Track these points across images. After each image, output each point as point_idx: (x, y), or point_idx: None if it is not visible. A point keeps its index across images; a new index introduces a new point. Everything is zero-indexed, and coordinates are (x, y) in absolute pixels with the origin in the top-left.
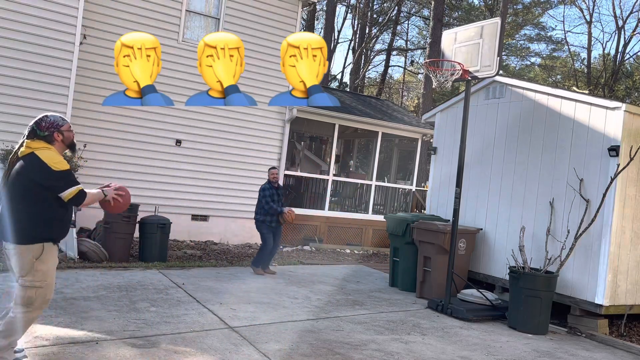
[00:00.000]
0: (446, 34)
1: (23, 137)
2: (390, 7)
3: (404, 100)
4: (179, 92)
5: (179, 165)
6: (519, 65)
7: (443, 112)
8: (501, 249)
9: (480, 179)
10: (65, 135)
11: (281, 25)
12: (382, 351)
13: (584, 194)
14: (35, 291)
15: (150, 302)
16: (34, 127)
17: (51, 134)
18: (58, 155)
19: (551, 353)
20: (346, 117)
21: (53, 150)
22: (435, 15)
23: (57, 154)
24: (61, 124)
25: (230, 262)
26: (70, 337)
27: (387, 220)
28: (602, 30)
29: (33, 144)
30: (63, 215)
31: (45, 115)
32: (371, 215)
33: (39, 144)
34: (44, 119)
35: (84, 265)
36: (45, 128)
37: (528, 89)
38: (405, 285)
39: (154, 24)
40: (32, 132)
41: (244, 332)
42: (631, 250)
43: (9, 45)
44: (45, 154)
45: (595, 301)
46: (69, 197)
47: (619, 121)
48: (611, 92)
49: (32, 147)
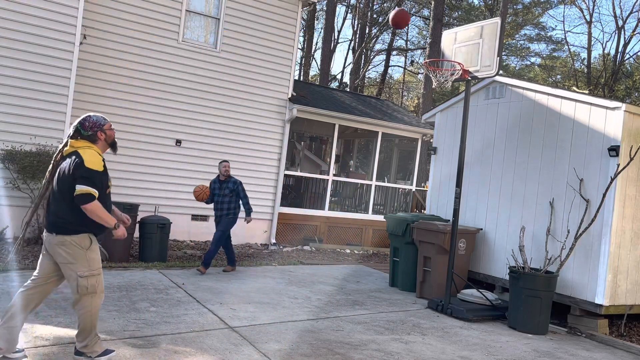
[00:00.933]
0: (446, 34)
1: (67, 136)
2: (390, 7)
3: (404, 100)
4: (179, 92)
5: (179, 165)
6: (519, 65)
7: (443, 112)
8: (501, 249)
9: (480, 179)
10: (107, 134)
11: (281, 25)
12: (382, 351)
13: (584, 194)
14: (95, 278)
15: (150, 302)
16: (77, 126)
17: (95, 133)
18: (98, 155)
19: (551, 353)
20: (346, 117)
21: (95, 149)
22: (435, 15)
23: (97, 154)
24: (103, 123)
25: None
26: (70, 337)
27: (387, 220)
28: (602, 30)
29: (77, 143)
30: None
31: (89, 115)
32: (371, 215)
33: (83, 143)
34: (87, 119)
35: None
36: (89, 127)
37: (528, 89)
38: (405, 285)
39: (154, 24)
40: (77, 132)
41: (244, 332)
42: (631, 250)
43: (9, 45)
44: (86, 152)
45: (595, 301)
46: (78, 193)
47: (619, 121)
48: (611, 92)
49: (76, 146)
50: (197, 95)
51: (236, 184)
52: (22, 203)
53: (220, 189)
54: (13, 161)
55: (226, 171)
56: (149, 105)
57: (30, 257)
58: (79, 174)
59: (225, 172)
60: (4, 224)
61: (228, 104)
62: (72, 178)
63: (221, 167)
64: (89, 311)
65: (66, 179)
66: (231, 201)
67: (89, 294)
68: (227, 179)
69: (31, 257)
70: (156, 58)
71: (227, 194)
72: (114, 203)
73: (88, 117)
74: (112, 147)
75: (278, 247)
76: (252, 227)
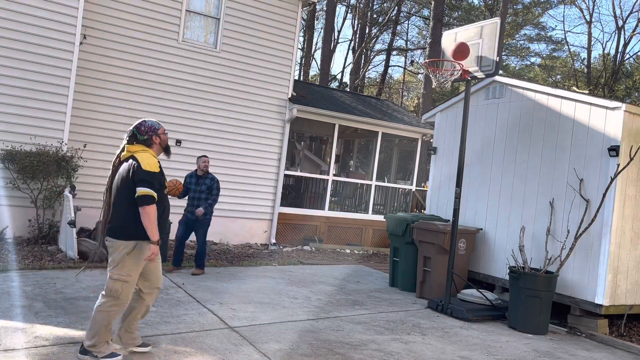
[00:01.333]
0: (446, 34)
1: (123, 142)
2: (390, 7)
3: (404, 100)
4: (179, 92)
5: (179, 165)
6: (519, 65)
7: (443, 112)
8: (501, 249)
9: (480, 179)
10: (162, 138)
11: (281, 25)
12: (382, 351)
13: (584, 194)
14: (121, 285)
15: None
16: (134, 131)
17: (150, 137)
18: (153, 157)
19: (551, 353)
20: (346, 117)
21: (150, 152)
22: (435, 15)
23: (152, 157)
24: (157, 128)
25: (230, 262)
26: (70, 337)
27: (387, 220)
28: (602, 30)
29: (133, 148)
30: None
31: (144, 120)
32: (371, 215)
33: (138, 147)
34: (143, 124)
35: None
36: (145, 132)
37: (528, 89)
38: (405, 285)
39: (154, 24)
40: (133, 137)
41: (244, 332)
42: (631, 250)
43: (9, 45)
44: (142, 156)
45: (595, 301)
46: (139, 194)
47: (619, 121)
48: (611, 92)
49: (132, 151)
50: (197, 95)
51: (214, 181)
52: (22, 203)
53: (197, 185)
54: (13, 161)
55: (205, 166)
56: (149, 105)
57: (30, 257)
58: (138, 177)
59: (204, 168)
60: (4, 224)
61: (228, 103)
62: (132, 181)
63: (200, 161)
64: (106, 312)
65: (126, 182)
66: (208, 198)
67: (111, 296)
68: (205, 174)
69: (31, 257)
70: (156, 58)
71: (204, 190)
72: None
73: (143, 122)
74: (166, 152)
75: (278, 247)
76: (252, 227)
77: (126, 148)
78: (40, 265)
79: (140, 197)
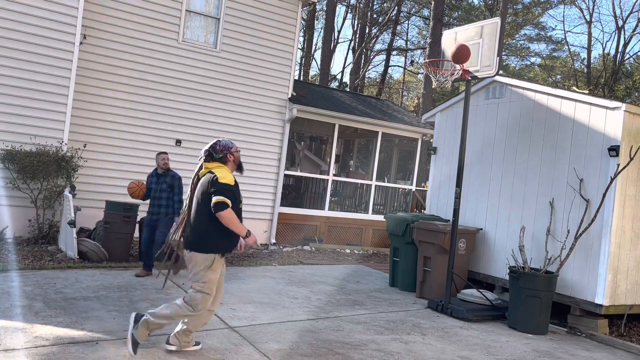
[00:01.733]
0: (446, 34)
1: (200, 160)
2: (390, 7)
3: (404, 100)
4: (179, 92)
5: (179, 165)
6: (519, 65)
7: (443, 112)
8: (501, 249)
9: (480, 179)
10: (235, 155)
11: (281, 25)
12: (382, 351)
13: (584, 194)
14: (202, 297)
15: (150, 302)
16: (210, 150)
17: (225, 155)
18: (229, 172)
19: (551, 353)
20: (346, 117)
21: (225, 168)
22: (435, 15)
23: (228, 172)
24: (231, 146)
25: (230, 262)
26: (70, 337)
27: (387, 220)
28: (602, 30)
29: (209, 165)
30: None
31: (218, 140)
32: (371, 215)
33: (215, 164)
34: (218, 143)
35: (84, 265)
36: (220, 150)
37: (528, 89)
38: (405, 285)
39: (154, 24)
40: (209, 155)
41: (244, 332)
42: (631, 250)
43: (9, 45)
44: (219, 171)
45: (595, 301)
46: (214, 202)
47: (619, 121)
48: (611, 92)
49: (209, 167)
50: (197, 95)
51: (174, 178)
52: (22, 203)
53: (157, 184)
54: (13, 161)
55: (165, 164)
56: (149, 105)
57: (30, 257)
58: (214, 189)
59: (163, 166)
60: (4, 224)
61: (228, 103)
62: (209, 193)
63: (159, 159)
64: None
65: (204, 195)
66: (169, 198)
67: (191, 305)
68: (165, 172)
69: (31, 257)
70: (156, 58)
71: (165, 189)
72: (115, 203)
73: (218, 141)
74: (239, 168)
75: (278, 247)
76: (252, 227)
77: (204, 166)
78: (40, 265)
79: (215, 204)
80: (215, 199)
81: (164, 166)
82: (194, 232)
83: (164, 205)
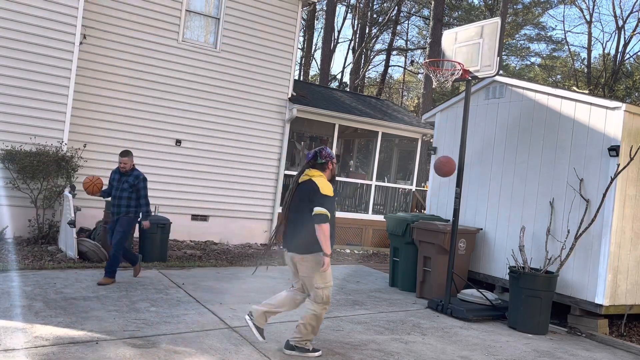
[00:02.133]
0: (446, 34)
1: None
2: (390, 7)
3: (404, 100)
4: (179, 92)
5: (179, 165)
6: (519, 65)
7: (443, 112)
8: (501, 249)
9: (480, 179)
10: (334, 166)
11: (281, 25)
12: (382, 351)
13: (584, 194)
14: (327, 290)
15: (150, 302)
16: (317, 153)
17: (326, 162)
18: (328, 183)
19: (551, 353)
20: (346, 117)
21: (324, 178)
22: (435, 15)
23: (327, 182)
24: (333, 156)
25: (230, 262)
26: (70, 337)
27: (387, 220)
28: (602, 30)
29: (311, 172)
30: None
31: (324, 147)
32: (371, 215)
33: (315, 172)
34: (323, 149)
35: (84, 265)
36: (324, 157)
37: (528, 89)
38: (405, 285)
39: (154, 24)
40: (314, 158)
41: (244, 332)
42: (631, 250)
43: (9, 45)
44: (319, 180)
45: (595, 301)
46: (316, 213)
47: (619, 121)
48: (611, 92)
49: (310, 175)
50: (197, 95)
51: (137, 178)
52: (22, 203)
53: (119, 182)
54: (13, 161)
55: (122, 167)
56: (149, 105)
57: (30, 257)
58: (316, 199)
59: (121, 168)
60: (4, 224)
61: (228, 103)
62: (310, 202)
63: (119, 159)
64: (318, 315)
65: (305, 203)
66: (131, 197)
67: (322, 302)
68: (129, 171)
69: (31, 257)
70: (156, 58)
71: (126, 188)
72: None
73: (323, 148)
74: (333, 179)
75: (278, 247)
76: (252, 227)
77: (306, 172)
78: (40, 265)
79: (316, 215)
80: (317, 211)
81: (122, 169)
82: (300, 236)
83: (124, 205)
